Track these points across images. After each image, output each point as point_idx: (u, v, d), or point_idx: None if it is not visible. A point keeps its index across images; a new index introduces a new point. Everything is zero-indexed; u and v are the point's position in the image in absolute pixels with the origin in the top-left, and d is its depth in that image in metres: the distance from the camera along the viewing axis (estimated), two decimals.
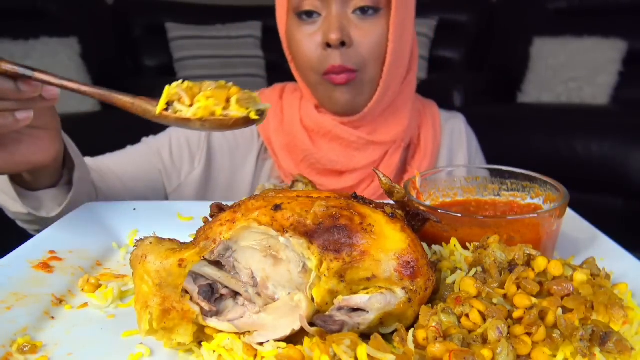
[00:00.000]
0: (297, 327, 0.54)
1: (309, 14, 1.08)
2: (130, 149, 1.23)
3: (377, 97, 1.12)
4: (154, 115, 0.64)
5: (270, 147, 1.25)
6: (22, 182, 0.87)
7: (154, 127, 1.31)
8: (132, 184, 1.16)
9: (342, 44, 1.05)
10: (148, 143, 1.25)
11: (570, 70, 3.24)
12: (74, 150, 0.92)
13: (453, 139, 1.31)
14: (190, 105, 0.63)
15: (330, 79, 1.09)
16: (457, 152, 1.30)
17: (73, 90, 0.67)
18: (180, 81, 0.65)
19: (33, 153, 0.77)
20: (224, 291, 0.57)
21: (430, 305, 0.55)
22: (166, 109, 0.64)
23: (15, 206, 0.89)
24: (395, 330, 0.52)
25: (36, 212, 0.89)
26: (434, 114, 1.31)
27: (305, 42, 1.10)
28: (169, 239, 0.60)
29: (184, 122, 0.63)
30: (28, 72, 0.65)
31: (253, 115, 0.63)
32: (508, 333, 0.50)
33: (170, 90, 0.64)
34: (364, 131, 1.17)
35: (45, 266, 0.71)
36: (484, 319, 0.51)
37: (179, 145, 1.24)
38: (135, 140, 1.27)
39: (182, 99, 0.63)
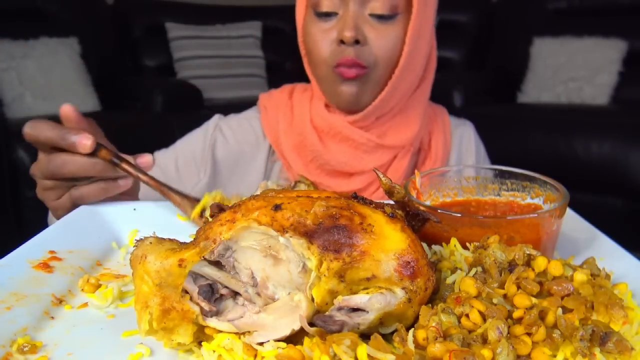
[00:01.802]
0: (297, 327, 0.54)
1: (327, 13, 1.10)
2: None
3: (383, 95, 1.12)
4: (190, 218, 0.84)
5: (279, 149, 1.25)
6: None
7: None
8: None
9: (356, 42, 1.06)
10: (156, 160, 1.27)
11: (570, 70, 3.25)
12: None
13: (462, 146, 1.32)
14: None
15: (340, 72, 1.10)
16: (466, 159, 1.31)
17: (141, 181, 0.87)
18: (218, 191, 0.83)
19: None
20: (224, 291, 0.57)
21: (430, 305, 0.55)
22: (201, 215, 0.81)
23: None
24: (395, 330, 0.52)
25: None
26: (445, 120, 1.32)
27: (320, 37, 1.11)
28: (169, 239, 0.60)
29: None
30: (116, 161, 0.85)
31: None
32: (508, 333, 0.50)
33: (207, 200, 0.81)
34: (374, 134, 1.18)
35: (45, 266, 0.70)
36: (484, 319, 0.51)
37: (184, 160, 1.26)
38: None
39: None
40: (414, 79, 1.18)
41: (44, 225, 0.98)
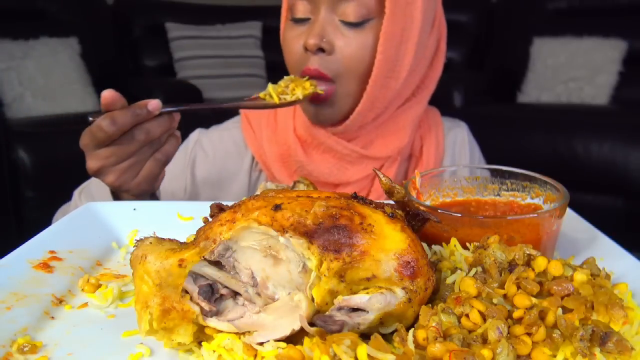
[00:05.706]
0: (297, 327, 0.54)
1: (301, 19, 1.06)
2: None
3: (360, 108, 1.07)
4: (275, 104, 1.00)
5: (262, 159, 1.22)
6: None
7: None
8: None
9: (322, 50, 1.02)
10: None
11: (570, 70, 3.24)
12: None
13: (455, 149, 1.28)
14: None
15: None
16: (460, 163, 1.28)
17: (210, 110, 1.01)
18: (270, 84, 1.03)
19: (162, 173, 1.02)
20: (224, 291, 0.57)
21: (430, 305, 0.55)
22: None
23: None
24: (395, 330, 0.52)
25: None
26: (437, 123, 1.27)
27: (291, 42, 1.08)
28: (169, 239, 0.60)
29: (294, 103, 1.02)
30: (179, 107, 0.94)
31: (319, 90, 1.04)
32: (508, 333, 0.50)
33: (276, 89, 1.01)
34: (358, 144, 1.14)
35: (45, 266, 0.70)
36: (484, 319, 0.51)
37: (166, 181, 1.25)
38: None
39: (285, 90, 1.02)
40: (401, 88, 1.09)
41: (44, 225, 0.98)
